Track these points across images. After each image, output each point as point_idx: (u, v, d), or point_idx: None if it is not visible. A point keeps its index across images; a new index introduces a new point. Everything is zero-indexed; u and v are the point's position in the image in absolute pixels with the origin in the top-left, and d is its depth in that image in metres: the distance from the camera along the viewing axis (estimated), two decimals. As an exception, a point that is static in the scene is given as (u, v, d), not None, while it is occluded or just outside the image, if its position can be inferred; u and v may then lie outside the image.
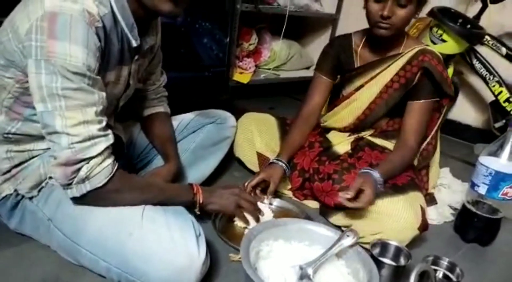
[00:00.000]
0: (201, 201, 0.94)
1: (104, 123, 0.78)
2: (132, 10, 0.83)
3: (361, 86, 1.32)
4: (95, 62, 0.74)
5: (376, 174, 1.09)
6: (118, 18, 0.81)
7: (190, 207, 0.93)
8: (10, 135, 0.84)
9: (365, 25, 1.25)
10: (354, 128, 1.39)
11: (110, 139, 0.79)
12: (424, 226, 1.08)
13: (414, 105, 1.26)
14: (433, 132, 1.35)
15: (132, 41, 0.87)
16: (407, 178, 1.21)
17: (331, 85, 1.39)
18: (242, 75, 2.32)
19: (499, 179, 1.14)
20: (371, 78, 1.30)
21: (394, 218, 1.05)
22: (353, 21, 1.20)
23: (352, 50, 1.34)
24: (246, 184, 1.18)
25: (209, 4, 1.84)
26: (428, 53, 1.23)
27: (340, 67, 1.36)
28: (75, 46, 0.70)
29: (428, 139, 1.34)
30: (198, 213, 0.96)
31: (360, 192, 1.04)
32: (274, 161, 1.26)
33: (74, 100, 0.72)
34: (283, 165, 1.25)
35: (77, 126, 0.73)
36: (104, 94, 0.78)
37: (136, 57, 0.93)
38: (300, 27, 2.96)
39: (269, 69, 2.62)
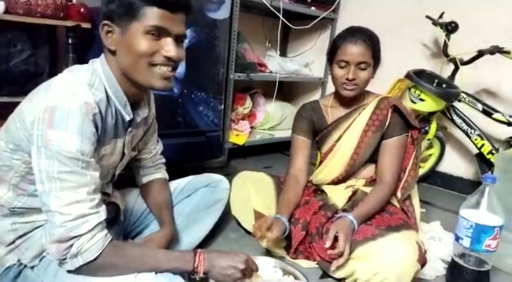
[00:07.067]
0: (201, 273, 0.92)
1: (96, 201, 0.83)
2: (124, 90, 0.94)
3: (340, 137, 1.45)
4: (89, 147, 0.82)
5: (350, 217, 1.22)
6: (112, 99, 0.93)
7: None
8: (16, 209, 0.90)
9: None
10: (346, 176, 1.47)
11: (101, 216, 0.84)
12: (423, 260, 1.14)
13: (389, 143, 1.41)
14: (410, 164, 1.43)
15: (125, 116, 0.97)
16: (400, 220, 1.29)
17: (310, 144, 1.51)
18: (238, 137, 2.42)
19: (480, 231, 1.17)
20: (347, 128, 1.44)
21: (393, 253, 1.10)
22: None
23: (322, 111, 1.50)
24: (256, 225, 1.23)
25: (204, 75, 2.00)
26: (390, 98, 1.43)
27: (315, 127, 1.50)
28: (70, 135, 0.79)
29: (407, 172, 1.42)
30: (198, 279, 0.96)
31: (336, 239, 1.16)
32: (276, 216, 1.29)
33: (68, 182, 0.79)
34: (285, 222, 1.28)
35: (69, 206, 0.79)
36: (97, 174, 0.85)
37: (129, 129, 1.03)
38: (292, 89, 3.13)
39: (264, 129, 2.73)
